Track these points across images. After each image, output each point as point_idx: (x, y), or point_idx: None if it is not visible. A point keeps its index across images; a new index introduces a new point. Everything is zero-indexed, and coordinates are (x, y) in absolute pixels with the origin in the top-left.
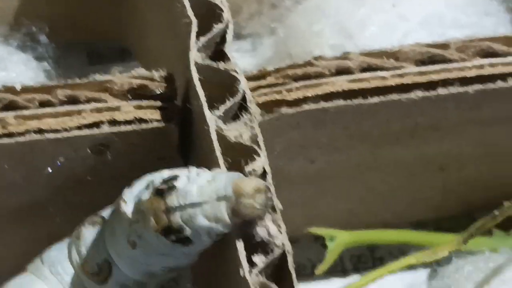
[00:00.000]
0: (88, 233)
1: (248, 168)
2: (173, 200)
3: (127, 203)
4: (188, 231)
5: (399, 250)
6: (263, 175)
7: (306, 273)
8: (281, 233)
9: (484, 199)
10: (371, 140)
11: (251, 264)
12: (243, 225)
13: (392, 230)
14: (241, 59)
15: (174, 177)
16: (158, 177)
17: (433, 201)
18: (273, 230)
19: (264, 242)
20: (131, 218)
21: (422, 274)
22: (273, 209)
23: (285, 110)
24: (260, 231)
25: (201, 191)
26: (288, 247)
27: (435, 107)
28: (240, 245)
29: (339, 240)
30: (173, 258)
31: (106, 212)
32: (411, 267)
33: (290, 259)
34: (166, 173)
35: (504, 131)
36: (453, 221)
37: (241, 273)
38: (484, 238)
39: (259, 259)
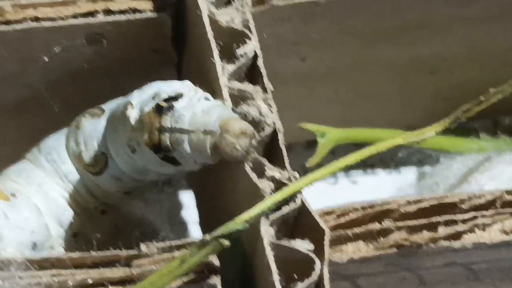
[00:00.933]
0: (88, 123)
1: (239, 51)
2: (166, 121)
3: (134, 108)
4: (175, 153)
5: (391, 158)
6: (255, 58)
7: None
8: (272, 112)
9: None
10: (361, 36)
11: None
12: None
13: (383, 129)
14: None
15: (177, 97)
16: (166, 89)
17: (424, 106)
18: (264, 109)
19: (255, 120)
20: (134, 125)
21: (411, 176)
22: (264, 89)
23: (276, 1)
24: (252, 110)
25: (193, 119)
26: (279, 125)
27: (423, 2)
28: None
29: (330, 136)
30: (166, 169)
31: (107, 106)
32: (400, 169)
33: (280, 137)
34: (174, 87)
35: (490, 31)
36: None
37: None
38: (472, 140)
39: None
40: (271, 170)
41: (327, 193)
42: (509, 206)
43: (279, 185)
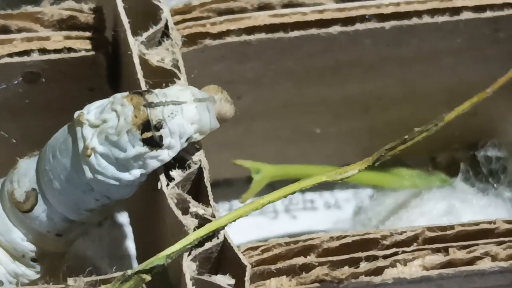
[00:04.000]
0: (24, 163)
1: None
2: (153, 97)
3: (89, 113)
4: (164, 130)
5: (330, 193)
6: None
7: None
8: (198, 151)
9: None
10: (295, 76)
11: (169, 178)
12: None
13: (317, 166)
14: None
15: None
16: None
17: (360, 143)
18: (191, 148)
19: (182, 158)
20: (96, 122)
21: (349, 212)
22: None
23: (208, 42)
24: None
25: (179, 93)
26: (205, 163)
27: (354, 42)
28: None
29: (264, 172)
30: (118, 183)
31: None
32: (338, 206)
33: (206, 174)
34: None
35: (422, 69)
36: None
37: (159, 186)
38: (406, 176)
39: (177, 174)
40: (196, 207)
41: (267, 227)
42: (430, 242)
43: (203, 221)
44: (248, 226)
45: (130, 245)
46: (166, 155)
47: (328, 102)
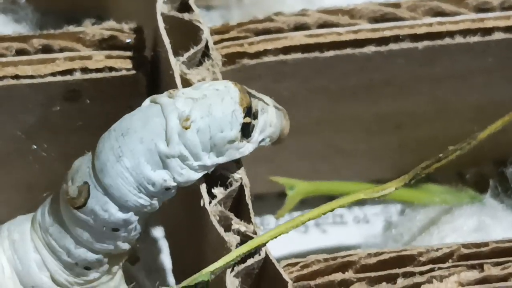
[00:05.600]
0: (77, 161)
1: None
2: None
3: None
4: (257, 122)
5: (360, 208)
6: None
7: (270, 227)
8: (239, 168)
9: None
10: (329, 94)
11: (211, 196)
12: None
13: (349, 182)
14: None
15: None
16: None
17: (391, 159)
18: (231, 165)
19: (224, 176)
20: (195, 95)
21: (378, 226)
22: None
23: (246, 61)
24: (220, 167)
25: (262, 95)
26: (246, 181)
27: (387, 62)
28: (202, 179)
29: (298, 188)
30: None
31: None
32: (367, 221)
33: (247, 192)
34: None
35: (454, 88)
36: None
37: (202, 203)
38: (436, 192)
39: (219, 191)
40: (238, 224)
41: (298, 242)
42: (465, 259)
43: (245, 238)
44: (279, 240)
45: (166, 259)
46: (247, 149)
47: (361, 119)
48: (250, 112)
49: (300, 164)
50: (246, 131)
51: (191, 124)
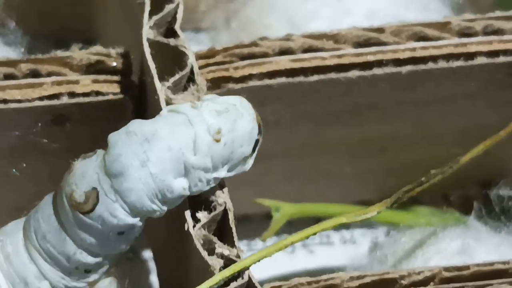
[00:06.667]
0: (80, 165)
1: None
2: None
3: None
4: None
5: (346, 229)
6: None
7: (257, 248)
8: (223, 192)
9: None
10: (314, 118)
11: (196, 220)
12: None
13: (335, 204)
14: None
15: None
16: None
17: (376, 182)
18: (215, 189)
19: (208, 200)
20: (219, 108)
21: (364, 247)
22: None
23: (231, 86)
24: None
25: None
26: (230, 205)
27: (371, 86)
28: (186, 203)
29: (284, 210)
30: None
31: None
32: (354, 241)
33: (231, 216)
34: None
35: (438, 112)
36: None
37: (186, 227)
38: (421, 214)
39: (202, 215)
40: (221, 248)
41: (285, 262)
42: (447, 282)
43: (228, 261)
44: (265, 261)
45: (154, 280)
46: (250, 164)
47: (346, 143)
48: (260, 129)
49: (286, 186)
50: (255, 147)
51: (221, 137)
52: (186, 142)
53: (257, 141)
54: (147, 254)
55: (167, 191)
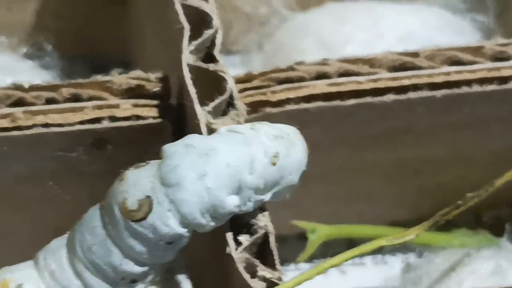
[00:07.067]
0: (131, 174)
1: None
2: None
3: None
4: None
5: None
6: None
7: (291, 269)
8: (264, 216)
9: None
10: (351, 142)
11: (237, 243)
12: None
13: (370, 225)
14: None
15: None
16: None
17: (410, 202)
18: (256, 212)
19: (249, 223)
20: (276, 133)
21: (397, 268)
22: None
23: (269, 110)
24: (246, 214)
25: None
26: (271, 228)
27: (407, 110)
28: (227, 226)
29: (319, 232)
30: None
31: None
32: (386, 262)
33: (272, 239)
34: None
35: (472, 135)
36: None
37: (228, 250)
38: (454, 235)
39: (244, 239)
40: (263, 271)
41: (318, 283)
42: None
43: (270, 284)
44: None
45: None
46: (291, 194)
47: (381, 165)
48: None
49: (321, 208)
50: (301, 177)
51: (277, 161)
52: (244, 160)
53: (303, 172)
54: (185, 276)
55: (219, 207)
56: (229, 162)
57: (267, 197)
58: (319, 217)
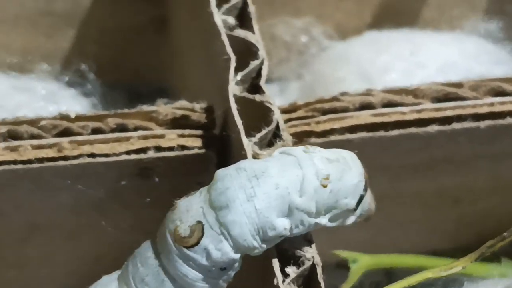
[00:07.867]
0: (183, 202)
1: None
2: None
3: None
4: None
5: None
6: None
7: None
8: (311, 247)
9: (497, 230)
10: (391, 171)
11: (285, 274)
12: None
13: (410, 255)
14: None
15: None
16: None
17: (448, 232)
18: (302, 243)
19: (296, 255)
20: (331, 157)
21: None
22: None
23: (314, 140)
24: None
25: None
26: (317, 259)
27: (450, 140)
28: (275, 258)
29: (361, 262)
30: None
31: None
32: None
33: (319, 271)
34: None
35: None
36: (467, 251)
37: (275, 282)
38: (494, 265)
39: (291, 270)
40: None
41: None
42: None
43: None
44: None
45: None
46: (351, 220)
47: (420, 194)
48: (366, 186)
49: (359, 235)
50: (359, 203)
51: (328, 183)
52: (293, 182)
53: (361, 197)
54: None
55: (269, 229)
56: (278, 183)
57: (323, 221)
58: (354, 244)
